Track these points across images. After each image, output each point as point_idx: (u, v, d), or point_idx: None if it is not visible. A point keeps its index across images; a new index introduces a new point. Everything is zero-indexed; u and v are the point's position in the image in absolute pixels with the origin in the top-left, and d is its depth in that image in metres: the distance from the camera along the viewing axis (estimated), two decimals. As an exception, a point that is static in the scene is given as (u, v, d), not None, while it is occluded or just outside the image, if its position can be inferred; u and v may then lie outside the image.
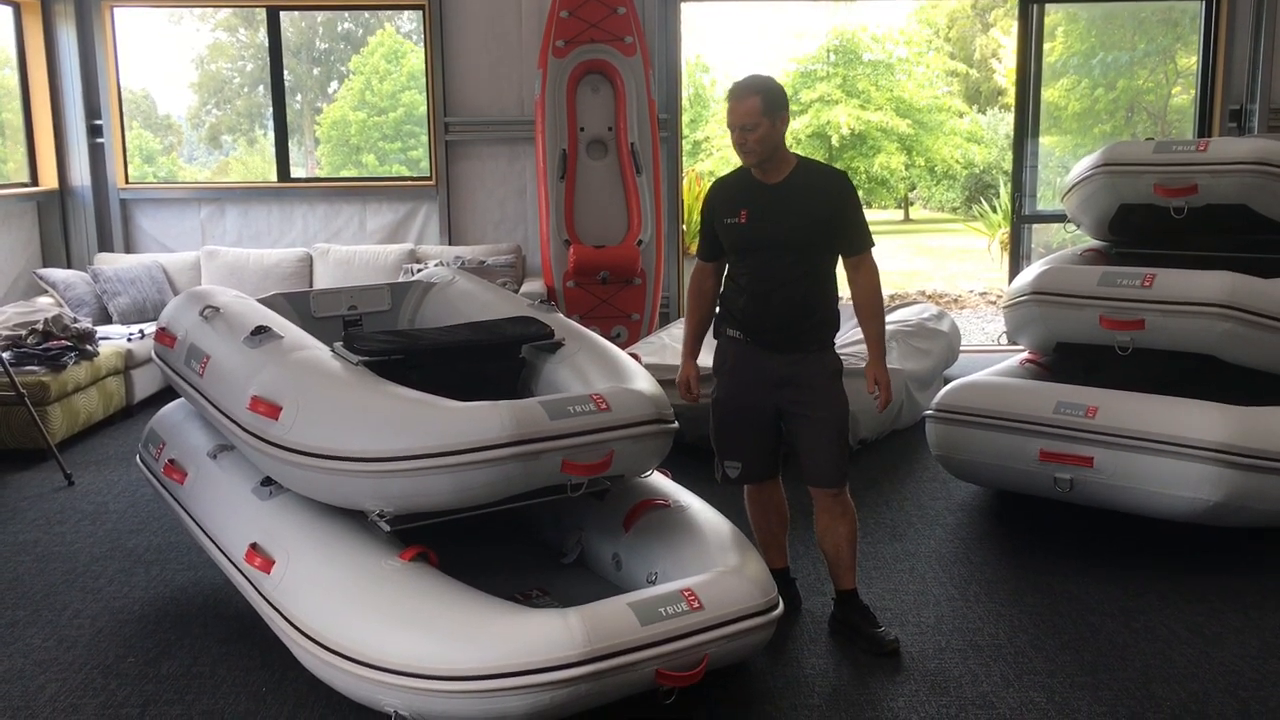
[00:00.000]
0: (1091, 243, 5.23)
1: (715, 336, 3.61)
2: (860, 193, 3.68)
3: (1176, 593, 3.81)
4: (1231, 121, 7.71)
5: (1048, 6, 8.05)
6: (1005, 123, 22.22)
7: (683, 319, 6.91)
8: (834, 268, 3.46)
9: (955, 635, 3.52)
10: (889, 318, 6.52)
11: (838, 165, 24.37)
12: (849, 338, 6.19)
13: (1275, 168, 4.35)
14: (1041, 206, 8.34)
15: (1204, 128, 7.87)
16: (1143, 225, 4.81)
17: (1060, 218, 7.88)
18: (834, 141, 23.32)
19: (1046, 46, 8.04)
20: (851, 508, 3.54)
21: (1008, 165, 19.90)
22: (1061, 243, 9.45)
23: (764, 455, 3.59)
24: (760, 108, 3.28)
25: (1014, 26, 8.08)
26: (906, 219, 25.86)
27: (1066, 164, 11.19)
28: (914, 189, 24.64)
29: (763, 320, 3.43)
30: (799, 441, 3.48)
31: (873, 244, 3.44)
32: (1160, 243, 4.88)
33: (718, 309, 3.62)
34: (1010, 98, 21.76)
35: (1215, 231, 4.71)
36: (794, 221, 3.35)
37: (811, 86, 23.79)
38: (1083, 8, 11.50)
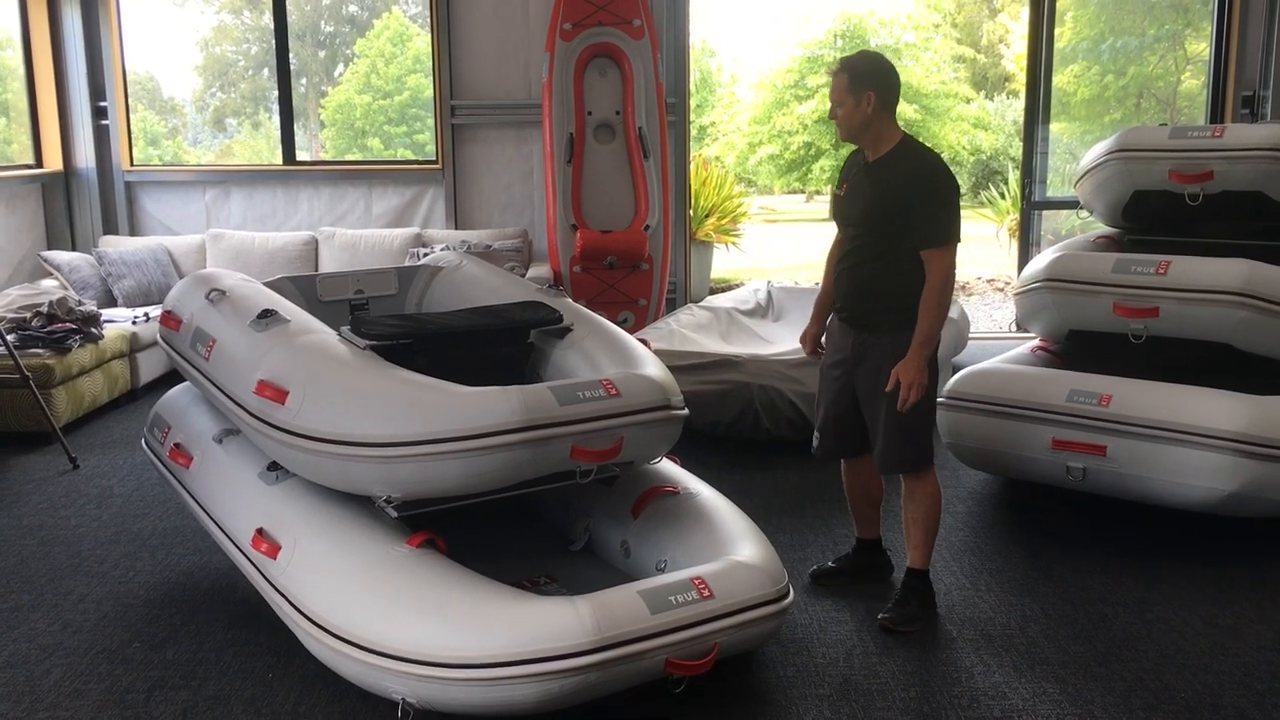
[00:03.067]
0: (1104, 230, 5.19)
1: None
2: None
3: (1190, 583, 3.77)
4: (1244, 108, 7.65)
5: (1059, -9, 7.97)
6: (1012, 109, 22.12)
7: (691, 305, 6.90)
8: (915, 253, 3.37)
9: (966, 625, 3.49)
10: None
11: (843, 151, 24.41)
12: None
13: (1292, 154, 4.30)
14: (1051, 193, 8.29)
15: (1216, 114, 7.81)
16: (1157, 212, 4.76)
17: (1070, 204, 7.83)
18: (840, 127, 23.22)
19: (1056, 32, 7.96)
20: (924, 492, 3.51)
21: (1014, 151, 19.80)
22: (1071, 229, 9.40)
23: (843, 432, 3.62)
24: (845, 85, 3.32)
25: (1022, 11, 8.02)
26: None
27: (1075, 150, 11.12)
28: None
29: (843, 292, 3.51)
30: (867, 420, 3.52)
31: (945, 242, 3.30)
32: (1174, 230, 4.83)
33: None
34: (1018, 84, 21.65)
35: (1230, 218, 4.66)
36: (871, 201, 3.37)
37: (818, 71, 23.68)
38: (1094, -8, 11.38)
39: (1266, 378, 4.26)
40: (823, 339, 3.71)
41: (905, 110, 23.41)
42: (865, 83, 3.32)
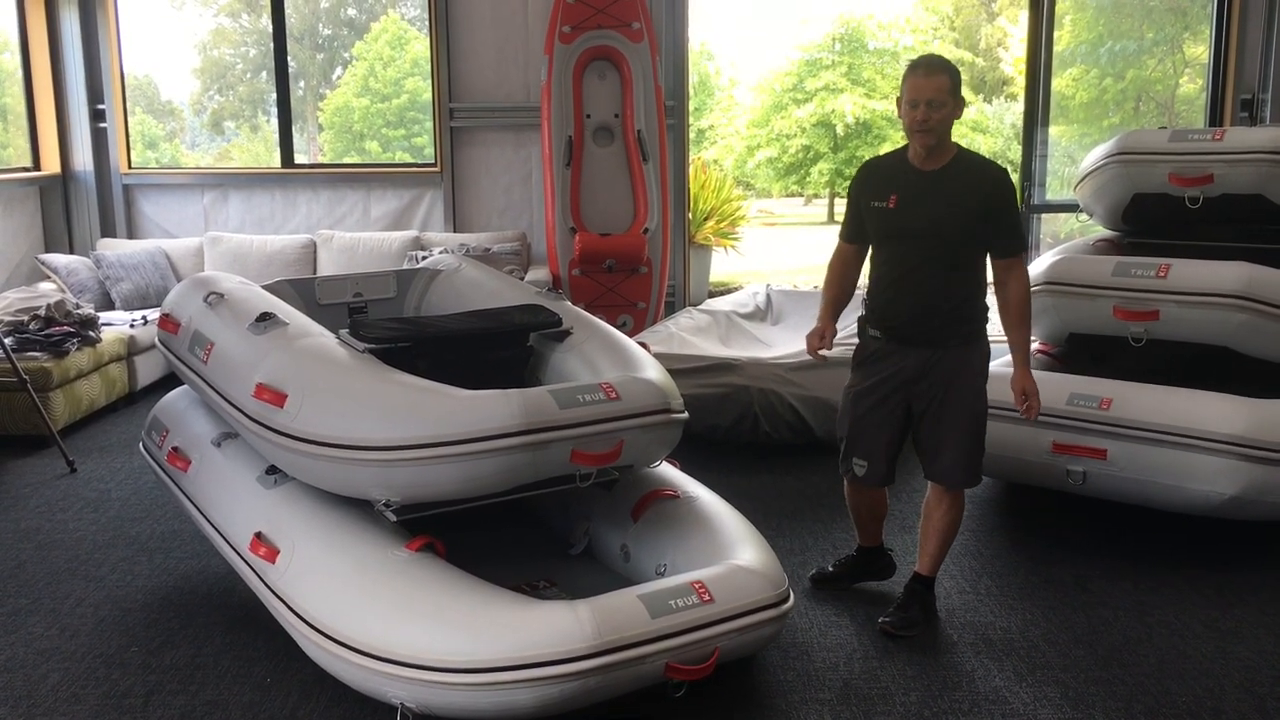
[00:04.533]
0: (1104, 233, 5.18)
1: (859, 334, 3.56)
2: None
3: (1191, 587, 3.77)
4: (1243, 111, 7.64)
5: (1058, -6, 7.98)
6: (1010, 112, 22.15)
7: (690, 308, 6.90)
8: (981, 263, 3.36)
9: (967, 630, 3.48)
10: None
11: (841, 154, 24.29)
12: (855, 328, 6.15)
13: (1293, 157, 4.30)
14: (1050, 196, 8.29)
15: (1215, 117, 7.81)
16: (1156, 215, 4.75)
17: (1069, 207, 7.82)
18: (839, 130, 23.26)
19: (1055, 35, 7.97)
20: (957, 506, 3.48)
21: (1013, 155, 19.80)
22: (1070, 232, 9.40)
23: (889, 458, 3.54)
24: (949, 86, 3.23)
25: (1020, 15, 8.02)
26: (911, 209, 25.76)
27: (1073, 154, 11.12)
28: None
29: (901, 310, 3.37)
30: (925, 436, 3.43)
31: (1024, 250, 3.33)
32: (1174, 233, 4.82)
33: (862, 309, 3.55)
34: (1016, 87, 21.67)
35: (1230, 221, 4.65)
36: (943, 210, 3.27)
37: (817, 75, 23.74)
38: (1092, -4, 11.39)
39: (1267, 381, 4.25)
40: (828, 345, 3.59)
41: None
42: (960, 87, 3.28)
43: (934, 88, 3.22)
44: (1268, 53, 7.53)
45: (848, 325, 6.31)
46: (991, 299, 3.42)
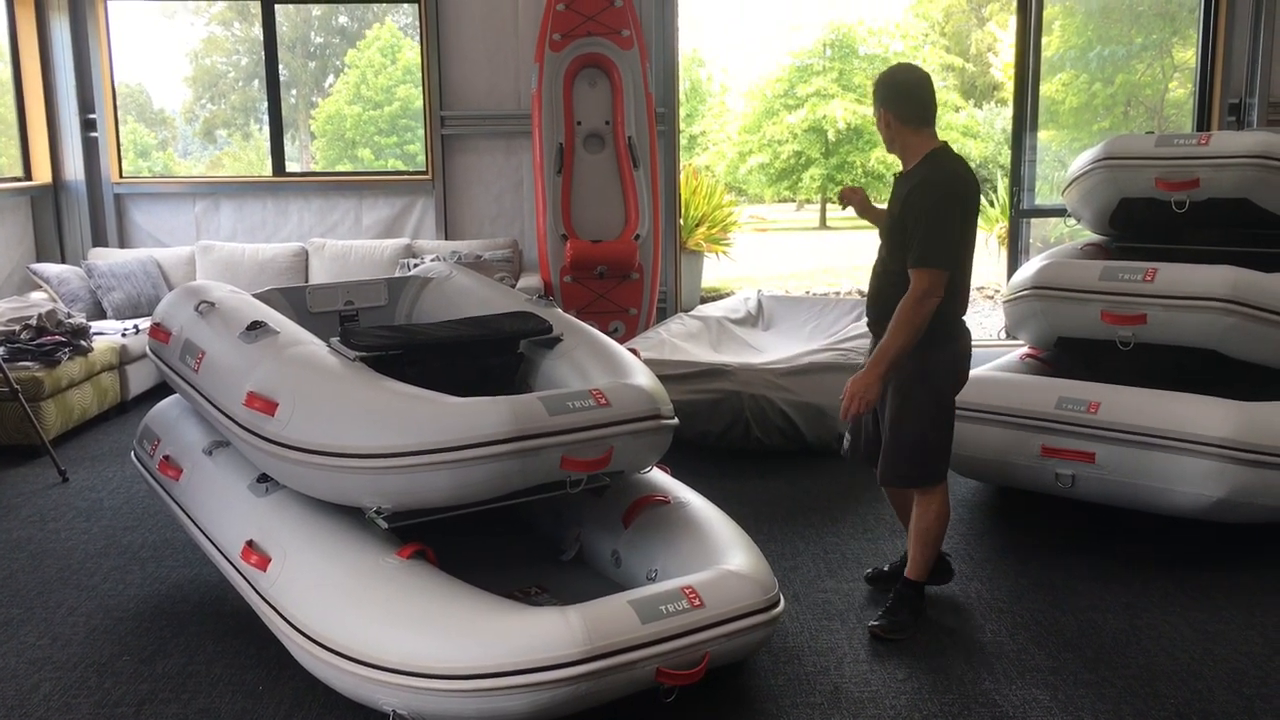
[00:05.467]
0: (1092, 237, 5.21)
1: None
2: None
3: (1180, 589, 3.79)
4: (1230, 115, 7.69)
5: (1045, 0, 8.02)
6: (1001, 117, 22.20)
7: (681, 314, 6.92)
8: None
9: (957, 632, 3.49)
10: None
11: (833, 160, 24.22)
12: (847, 332, 6.17)
13: (1277, 162, 4.32)
14: (1040, 201, 8.32)
15: (1203, 122, 7.85)
16: (1144, 219, 4.78)
17: (1059, 212, 7.86)
18: (830, 136, 23.31)
19: (1044, 40, 8.01)
20: (928, 509, 3.49)
21: (1003, 160, 19.86)
22: (1059, 237, 9.43)
23: (868, 440, 3.63)
24: (874, 99, 3.42)
25: (1010, 20, 8.06)
26: (903, 214, 25.79)
27: (1064, 158, 11.17)
28: (911, 184, 24.58)
29: (870, 306, 3.53)
30: (882, 434, 3.53)
31: (928, 264, 3.21)
32: (1161, 237, 4.85)
33: None
34: (1006, 92, 21.73)
35: (1216, 226, 4.68)
36: (892, 214, 3.40)
37: (808, 80, 23.79)
38: (1080, 1, 11.47)
39: (1253, 384, 4.28)
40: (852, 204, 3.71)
41: (894, 119, 23.46)
42: (880, 100, 3.37)
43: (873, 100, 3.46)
44: (1254, 58, 7.59)
45: (843, 330, 6.35)
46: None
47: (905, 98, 3.33)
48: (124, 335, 6.42)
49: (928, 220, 3.24)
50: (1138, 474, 3.94)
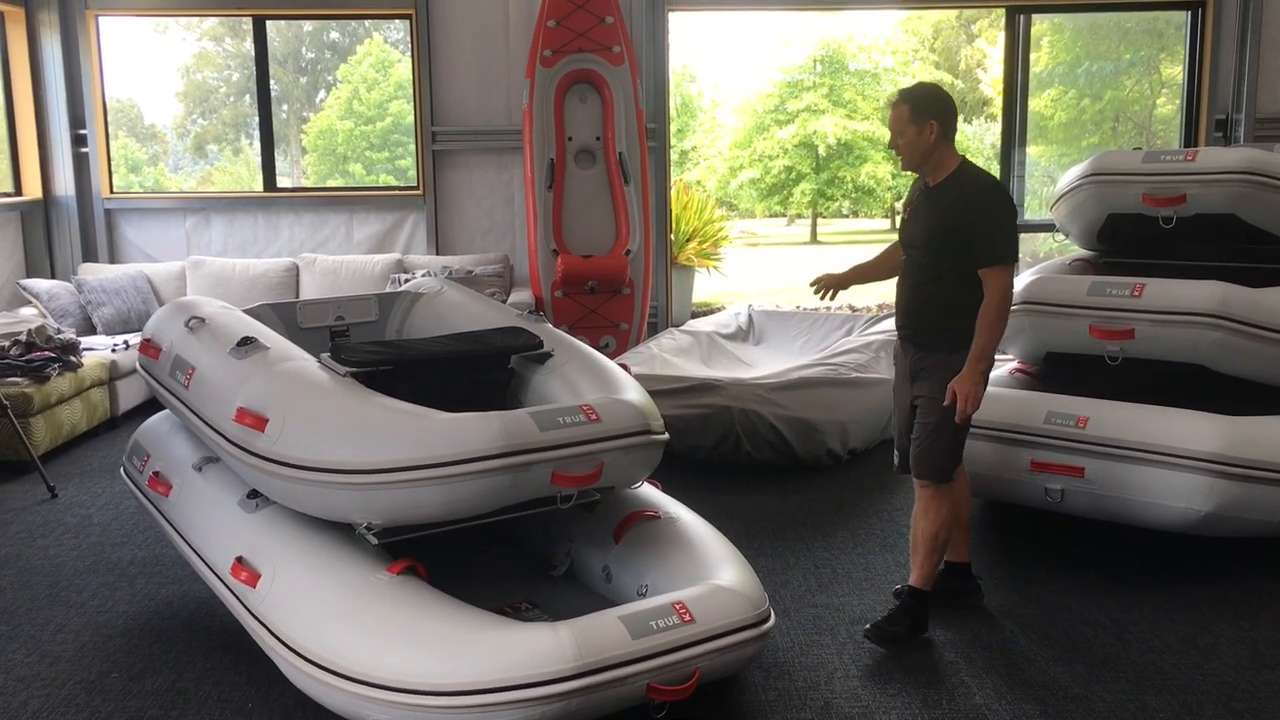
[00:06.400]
0: (1080, 252, 5.23)
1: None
2: (846, 202, 3.73)
3: (1169, 603, 3.79)
4: (1217, 131, 7.74)
5: (1034, 16, 8.07)
6: (990, 132, 22.29)
7: (672, 329, 6.93)
8: (974, 277, 3.43)
9: (947, 647, 3.50)
10: (878, 326, 6.52)
11: (823, 175, 24.29)
12: (838, 347, 6.18)
13: (1263, 177, 4.35)
14: (1029, 216, 8.36)
15: (1190, 137, 7.90)
16: (1131, 235, 4.80)
17: (1047, 227, 7.89)
18: (821, 151, 23.39)
19: (1033, 57, 8.06)
20: (937, 509, 3.54)
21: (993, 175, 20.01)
22: (1049, 252, 9.47)
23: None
24: (906, 114, 3.45)
25: (999, 37, 8.10)
26: (893, 227, 25.87)
27: (1052, 174, 11.22)
28: (900, 198, 24.69)
29: (902, 313, 3.64)
30: (914, 430, 3.59)
31: (1001, 260, 3.39)
32: (1149, 252, 4.88)
33: None
34: (995, 108, 21.84)
35: (1204, 241, 4.71)
36: (929, 226, 3.48)
37: (798, 96, 23.86)
38: (1068, 18, 11.54)
39: (1241, 399, 4.30)
40: (830, 292, 3.88)
41: (884, 134, 23.52)
42: (927, 112, 3.44)
43: (894, 119, 3.50)
44: (1241, 73, 7.64)
45: (833, 345, 6.37)
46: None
47: (950, 112, 3.49)
48: (114, 351, 6.41)
49: (994, 221, 3.41)
50: (1126, 488, 3.95)
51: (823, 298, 3.91)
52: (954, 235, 3.42)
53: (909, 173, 3.63)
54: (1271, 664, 3.37)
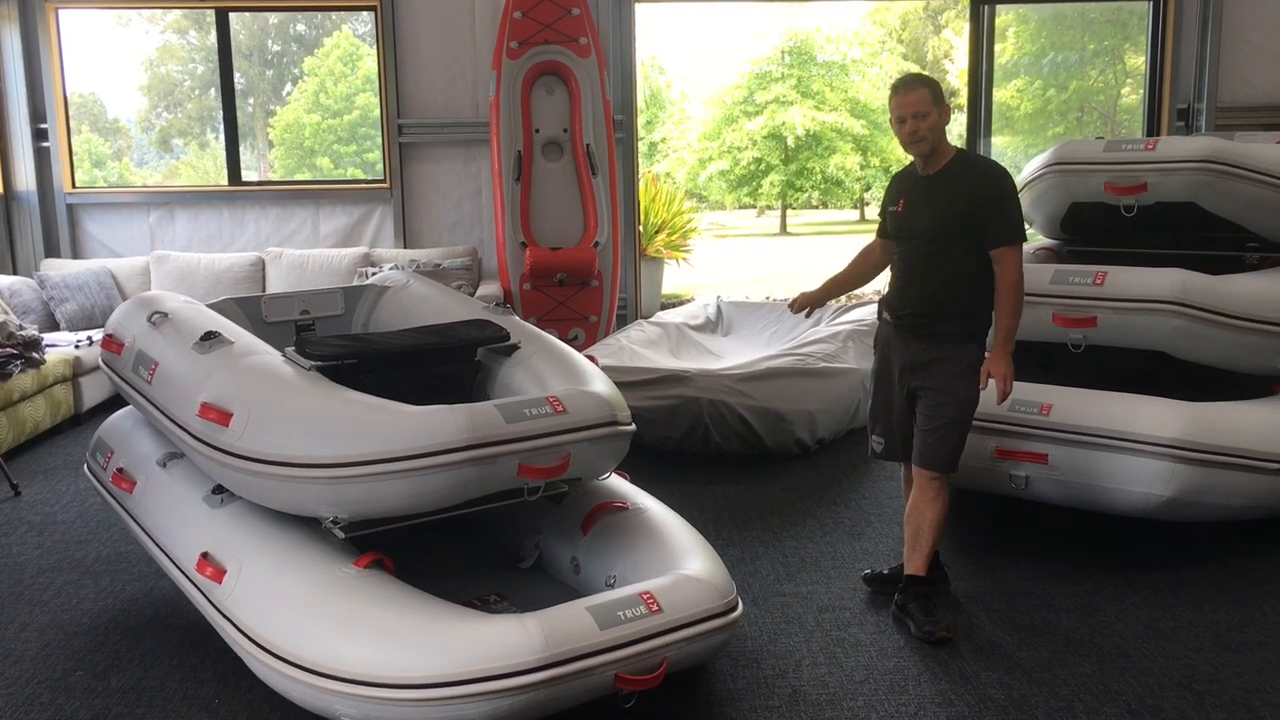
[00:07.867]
0: (1044, 241, 5.28)
1: (877, 314, 3.80)
2: (815, 194, 3.75)
3: (1131, 588, 3.84)
4: (1179, 120, 7.83)
5: (998, 7, 8.12)
6: (957, 123, 22.43)
7: (641, 321, 6.94)
8: (984, 263, 3.47)
9: (913, 634, 3.52)
10: (846, 316, 6.55)
11: (792, 166, 24.41)
12: (805, 337, 6.21)
13: (1222, 165, 4.39)
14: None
15: (1152, 127, 7.98)
16: (1094, 223, 4.85)
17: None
18: (790, 142, 23.46)
19: (998, 48, 8.12)
20: (944, 498, 3.58)
21: (961, 165, 20.15)
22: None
23: (903, 436, 3.69)
24: (929, 97, 3.46)
25: (965, 28, 8.14)
26: (862, 219, 26.00)
27: (1019, 163, 11.29)
28: (869, 189, 24.81)
29: (905, 303, 3.60)
30: (917, 421, 3.59)
31: (1016, 239, 3.43)
32: (1111, 241, 4.93)
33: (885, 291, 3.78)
34: (962, 98, 21.98)
35: (1165, 229, 4.76)
36: (935, 213, 3.48)
37: (766, 88, 23.93)
38: (1033, 9, 11.60)
39: (1202, 385, 4.35)
40: (809, 310, 3.91)
41: (852, 125, 23.65)
42: (942, 95, 3.50)
43: (915, 100, 3.46)
44: (1202, 63, 7.72)
45: (801, 335, 6.39)
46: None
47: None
48: (77, 347, 6.35)
49: (1004, 204, 3.44)
50: (1090, 474, 3.99)
51: (806, 316, 3.96)
52: (964, 220, 3.43)
53: (906, 159, 3.63)
54: (1231, 646, 3.42)
